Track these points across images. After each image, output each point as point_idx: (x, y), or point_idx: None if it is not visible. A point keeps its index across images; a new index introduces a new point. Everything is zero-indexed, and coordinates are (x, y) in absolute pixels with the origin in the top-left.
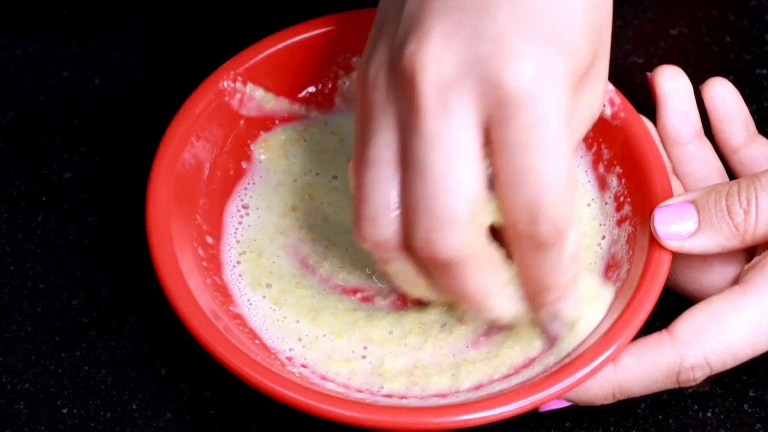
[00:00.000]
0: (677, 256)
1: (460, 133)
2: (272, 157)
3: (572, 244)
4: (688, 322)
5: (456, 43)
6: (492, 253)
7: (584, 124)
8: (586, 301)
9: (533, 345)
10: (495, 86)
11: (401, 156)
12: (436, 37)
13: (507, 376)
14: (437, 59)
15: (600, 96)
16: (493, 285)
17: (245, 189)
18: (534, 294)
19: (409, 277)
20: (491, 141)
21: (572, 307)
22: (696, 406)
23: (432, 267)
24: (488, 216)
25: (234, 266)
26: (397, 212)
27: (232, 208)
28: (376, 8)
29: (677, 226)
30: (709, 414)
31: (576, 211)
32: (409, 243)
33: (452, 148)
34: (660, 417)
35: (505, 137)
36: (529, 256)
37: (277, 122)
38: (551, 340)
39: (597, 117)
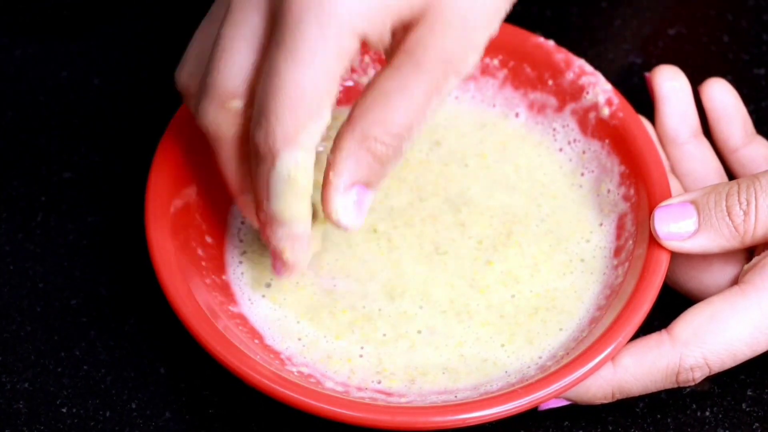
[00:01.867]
0: (677, 255)
1: (250, 14)
2: None
3: (286, 169)
4: (688, 323)
5: None
6: (241, 151)
7: (435, 63)
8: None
9: (529, 347)
10: None
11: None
12: None
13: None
14: None
15: (453, 40)
16: (241, 176)
17: None
18: (257, 203)
19: None
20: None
21: (286, 247)
22: (694, 406)
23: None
24: (243, 106)
25: (236, 266)
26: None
27: (234, 208)
28: None
29: (677, 227)
30: (707, 413)
31: (304, 139)
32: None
33: (238, 26)
34: (658, 416)
35: (273, 33)
36: (252, 159)
37: None
38: None
39: (463, 69)
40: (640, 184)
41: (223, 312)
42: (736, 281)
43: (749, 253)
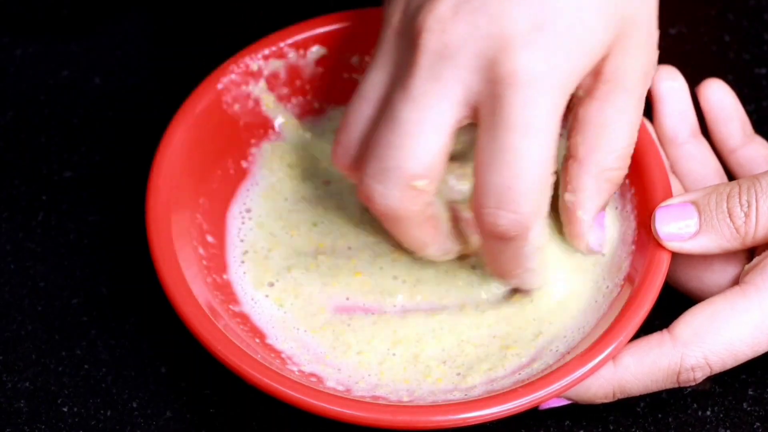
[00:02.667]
0: (678, 255)
1: (441, 101)
2: (273, 156)
3: (536, 239)
4: (689, 323)
5: (465, 14)
6: (433, 216)
7: (637, 80)
8: (562, 269)
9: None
10: (493, 64)
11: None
12: (447, 3)
13: (513, 372)
14: (442, 25)
15: (646, 54)
16: (429, 238)
17: (247, 189)
18: (497, 274)
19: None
20: (478, 119)
21: (534, 281)
22: (695, 405)
23: (371, 212)
24: (435, 185)
25: (237, 266)
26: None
27: (235, 208)
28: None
29: (678, 227)
30: (708, 413)
31: (544, 206)
32: (358, 185)
33: (427, 111)
34: (659, 416)
35: (492, 115)
36: (490, 244)
37: (278, 122)
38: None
39: (652, 73)
40: (641, 184)
41: (224, 311)
42: (737, 281)
43: (750, 253)
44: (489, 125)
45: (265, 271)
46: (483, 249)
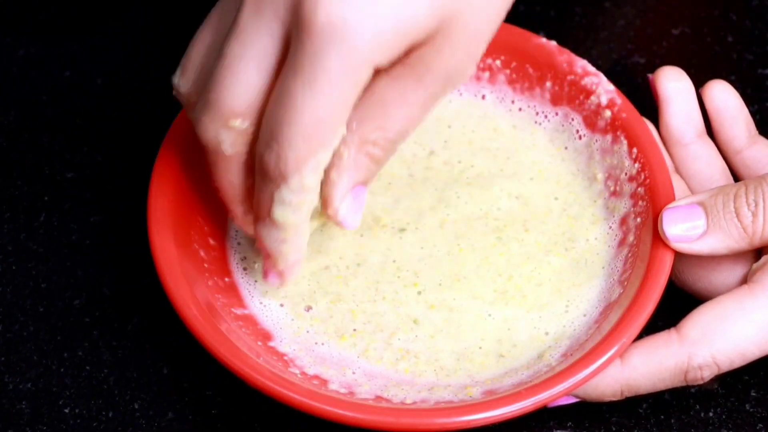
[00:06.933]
0: (685, 255)
1: (262, 36)
2: None
3: (292, 192)
4: (696, 322)
5: None
6: (245, 162)
7: (437, 78)
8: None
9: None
10: (301, 5)
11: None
12: None
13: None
14: None
15: (457, 59)
16: (238, 189)
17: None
18: (255, 213)
19: None
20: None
21: (275, 239)
22: (698, 406)
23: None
24: (253, 127)
25: (240, 269)
26: (194, 70)
27: None
28: None
29: (686, 229)
30: (711, 414)
31: (312, 159)
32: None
33: (248, 46)
34: (662, 417)
35: (289, 58)
36: (258, 179)
37: None
38: None
39: (461, 81)
40: (644, 185)
41: (226, 313)
42: (744, 281)
43: (757, 253)
44: (285, 67)
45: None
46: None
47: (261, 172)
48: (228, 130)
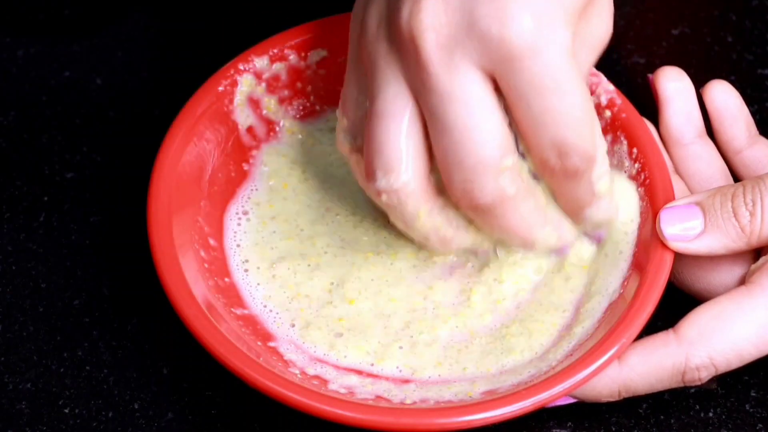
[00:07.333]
0: (684, 256)
1: (471, 86)
2: (274, 158)
3: (602, 162)
4: (694, 323)
5: (452, 3)
6: (528, 188)
7: (592, 51)
8: (619, 197)
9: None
10: (497, 43)
11: (421, 111)
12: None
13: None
14: (436, 20)
15: (606, 21)
16: (534, 217)
17: (248, 191)
18: (574, 212)
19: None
20: (503, 92)
21: (608, 208)
22: (698, 406)
23: (474, 213)
24: (516, 156)
25: (239, 268)
26: (411, 162)
27: (233, 211)
28: None
29: (683, 228)
30: (710, 414)
31: (597, 127)
32: (449, 193)
33: (468, 101)
34: (662, 417)
35: (517, 87)
36: (563, 185)
37: (279, 124)
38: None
39: (605, 43)
40: (644, 185)
41: (227, 313)
42: (743, 281)
43: (756, 252)
44: (517, 96)
45: (266, 272)
46: (556, 196)
47: (566, 176)
48: (507, 172)
